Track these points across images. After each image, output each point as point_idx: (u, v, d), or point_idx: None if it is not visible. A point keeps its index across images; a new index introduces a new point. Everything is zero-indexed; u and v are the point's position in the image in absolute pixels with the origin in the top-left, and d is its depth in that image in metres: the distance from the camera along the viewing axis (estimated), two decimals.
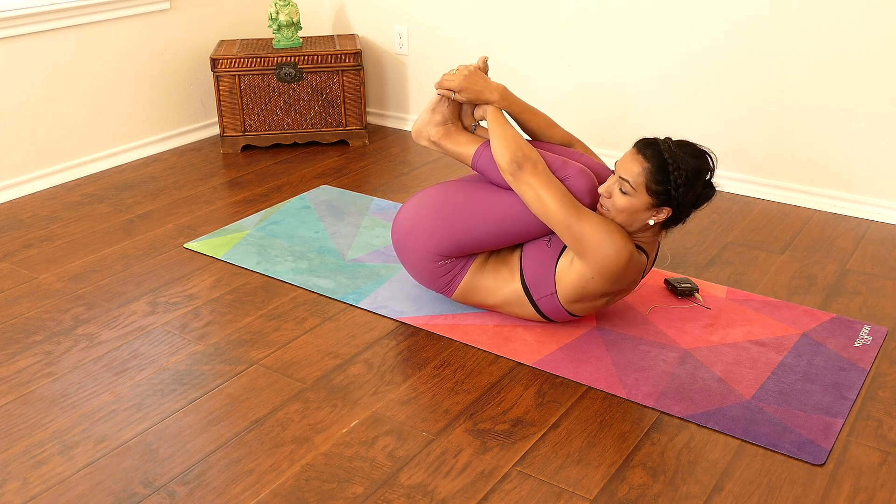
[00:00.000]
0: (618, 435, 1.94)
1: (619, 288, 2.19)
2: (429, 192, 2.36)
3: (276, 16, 3.75)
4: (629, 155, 2.11)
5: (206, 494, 1.78)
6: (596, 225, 2.11)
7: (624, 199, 2.10)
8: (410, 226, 2.33)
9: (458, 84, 2.31)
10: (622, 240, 2.10)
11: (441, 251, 2.29)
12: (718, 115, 3.25)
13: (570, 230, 2.12)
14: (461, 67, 2.34)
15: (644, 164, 2.07)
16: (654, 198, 2.08)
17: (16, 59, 3.27)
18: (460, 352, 2.27)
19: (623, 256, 2.10)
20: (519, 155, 2.17)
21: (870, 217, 3.05)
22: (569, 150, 2.38)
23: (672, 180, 2.05)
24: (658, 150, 2.07)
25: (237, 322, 2.43)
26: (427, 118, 2.39)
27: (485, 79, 2.34)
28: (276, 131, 3.82)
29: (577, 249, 2.14)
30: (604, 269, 2.12)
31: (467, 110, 2.41)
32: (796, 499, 1.75)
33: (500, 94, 2.33)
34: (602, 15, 3.39)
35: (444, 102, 2.37)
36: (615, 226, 2.13)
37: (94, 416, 2.03)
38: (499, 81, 3.73)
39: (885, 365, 2.19)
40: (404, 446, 1.91)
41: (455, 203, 2.29)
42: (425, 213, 2.31)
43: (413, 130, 2.44)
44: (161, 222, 3.09)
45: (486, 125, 2.61)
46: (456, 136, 2.37)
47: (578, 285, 2.18)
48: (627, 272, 2.14)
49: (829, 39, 2.96)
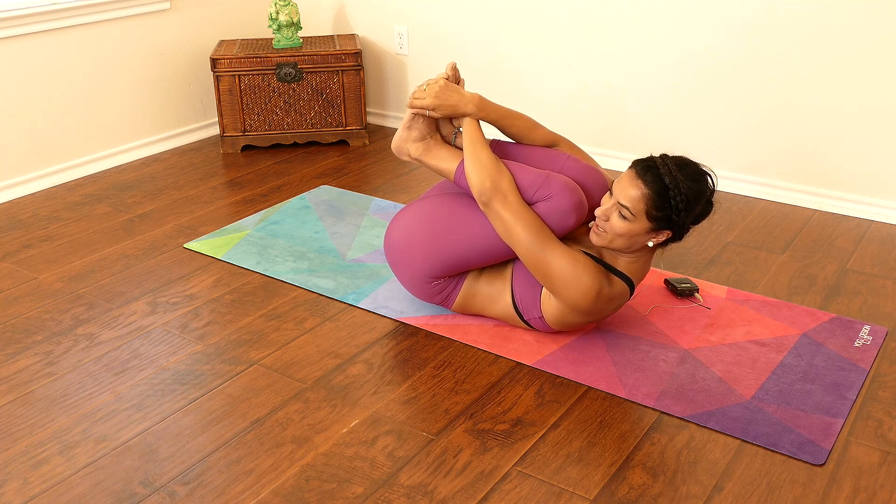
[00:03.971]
0: (618, 435, 1.94)
1: (600, 317, 2.18)
2: (416, 211, 2.30)
3: (276, 16, 3.75)
4: (627, 179, 2.03)
5: (206, 494, 1.78)
6: (564, 264, 2.06)
7: (623, 223, 2.04)
8: (401, 248, 2.29)
9: (430, 103, 2.22)
10: (590, 279, 2.06)
11: (433, 273, 2.27)
12: (718, 115, 3.25)
13: (538, 268, 2.09)
14: (430, 83, 2.24)
15: (644, 189, 2.00)
16: (655, 223, 2.03)
17: (16, 59, 3.27)
18: (460, 352, 2.27)
19: (591, 295, 2.07)
20: (487, 185, 2.11)
21: (870, 217, 3.05)
22: (554, 152, 2.29)
23: (673, 206, 1.99)
24: (658, 174, 2.00)
25: (237, 322, 2.43)
26: (405, 135, 2.32)
27: (458, 91, 2.24)
28: (276, 131, 3.82)
29: (546, 285, 2.12)
30: (575, 307, 2.11)
31: (444, 120, 2.33)
32: (796, 499, 1.75)
33: (475, 105, 2.24)
34: (602, 15, 3.39)
35: (419, 119, 2.29)
36: (584, 263, 2.07)
37: (94, 416, 2.03)
38: (498, 81, 3.73)
39: (885, 365, 2.19)
40: (404, 446, 1.91)
41: (443, 224, 2.23)
42: (414, 236, 2.26)
43: (393, 146, 2.37)
44: (161, 222, 3.09)
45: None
46: (436, 150, 2.30)
47: (559, 316, 2.18)
48: (600, 307, 2.12)
49: (828, 39, 2.96)
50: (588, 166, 2.26)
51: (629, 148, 3.50)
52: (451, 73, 2.30)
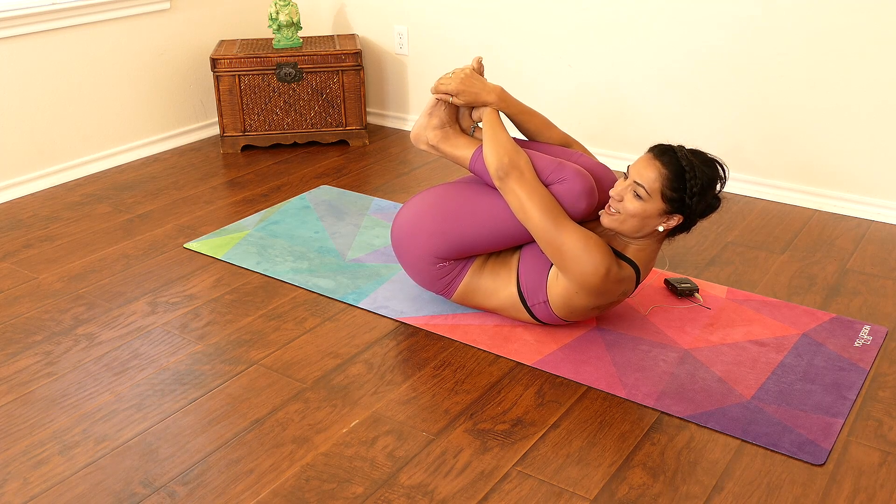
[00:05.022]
0: (618, 435, 1.94)
1: (606, 301, 2.19)
2: (427, 195, 2.35)
3: (276, 16, 3.75)
4: (644, 160, 2.10)
5: (206, 494, 1.78)
6: (576, 239, 2.09)
7: (637, 203, 2.08)
8: (409, 228, 2.33)
9: (454, 87, 2.30)
10: (601, 256, 2.08)
11: (439, 253, 2.29)
12: (719, 114, 3.25)
13: (550, 243, 2.12)
14: (457, 71, 2.33)
15: (661, 169, 2.06)
16: (668, 204, 2.07)
17: (16, 59, 3.27)
18: (460, 352, 2.27)
19: (601, 272, 2.08)
20: (505, 161, 2.16)
21: (870, 217, 3.05)
22: (567, 150, 2.36)
23: (688, 188, 2.05)
24: (675, 157, 2.06)
25: (237, 322, 2.43)
26: (425, 122, 2.39)
27: (481, 81, 2.33)
28: (276, 131, 3.82)
29: (557, 263, 2.13)
30: (584, 284, 2.12)
31: (465, 112, 2.40)
32: (796, 499, 1.75)
33: (497, 95, 2.32)
34: (602, 15, 3.39)
35: (441, 106, 2.36)
36: (595, 241, 2.10)
37: (94, 416, 2.03)
38: (498, 81, 3.73)
39: (885, 365, 2.19)
40: (404, 446, 1.91)
41: (453, 205, 2.28)
42: (423, 216, 2.30)
43: (412, 134, 2.43)
44: (161, 222, 3.09)
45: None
46: (454, 139, 2.36)
47: (565, 297, 2.18)
48: (609, 287, 2.13)
49: (828, 39, 2.96)
50: (600, 163, 2.34)
51: (629, 148, 3.50)
52: (477, 66, 2.37)
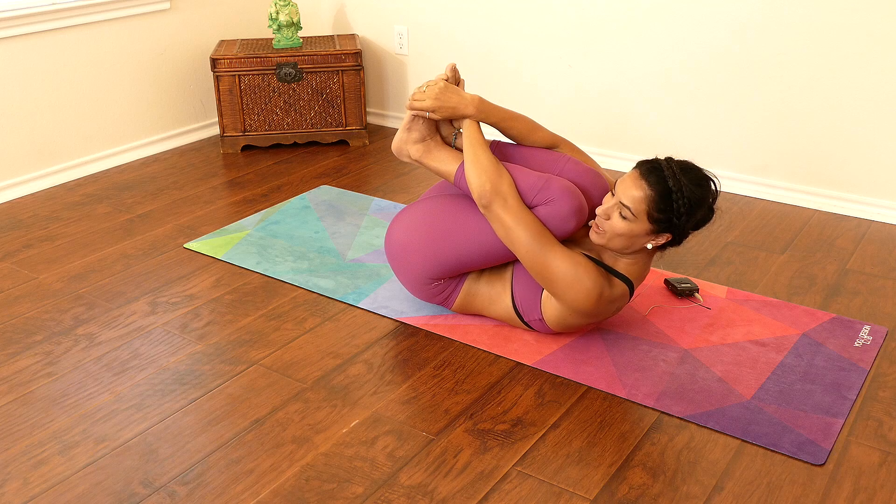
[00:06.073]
0: (618, 435, 1.94)
1: (601, 318, 2.18)
2: (416, 213, 2.29)
3: (276, 16, 3.75)
4: (631, 179, 2.03)
5: (206, 494, 1.78)
6: (566, 267, 2.06)
7: (623, 223, 2.03)
8: (400, 250, 2.29)
9: (429, 105, 2.21)
10: (591, 281, 2.06)
11: (433, 274, 2.27)
12: (719, 115, 3.25)
13: (539, 272, 2.09)
14: (430, 84, 2.23)
15: (647, 190, 1.99)
16: (655, 225, 2.02)
17: (16, 59, 3.27)
18: (460, 352, 2.27)
19: (592, 297, 2.07)
20: (487, 189, 2.10)
21: (870, 217, 3.05)
22: (554, 154, 2.28)
23: (675, 209, 1.99)
24: (662, 176, 1.99)
25: (237, 322, 2.43)
26: (405, 136, 2.31)
27: (458, 93, 2.22)
28: (276, 131, 3.82)
29: (547, 288, 2.12)
30: (576, 309, 2.11)
31: (444, 122, 2.32)
32: (796, 499, 1.75)
33: (475, 107, 2.22)
34: (602, 15, 3.39)
35: (418, 120, 2.28)
36: (584, 266, 2.07)
37: (94, 416, 2.03)
38: (498, 81, 3.73)
39: (885, 365, 2.19)
40: (404, 446, 1.91)
41: (443, 226, 2.23)
42: (413, 238, 2.26)
43: (393, 147, 2.36)
44: (161, 222, 3.09)
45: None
46: (436, 152, 2.29)
47: (559, 318, 2.18)
48: (602, 308, 2.12)
49: (828, 39, 2.96)
50: (589, 169, 2.25)
51: (629, 148, 3.50)
52: (451, 75, 2.28)
